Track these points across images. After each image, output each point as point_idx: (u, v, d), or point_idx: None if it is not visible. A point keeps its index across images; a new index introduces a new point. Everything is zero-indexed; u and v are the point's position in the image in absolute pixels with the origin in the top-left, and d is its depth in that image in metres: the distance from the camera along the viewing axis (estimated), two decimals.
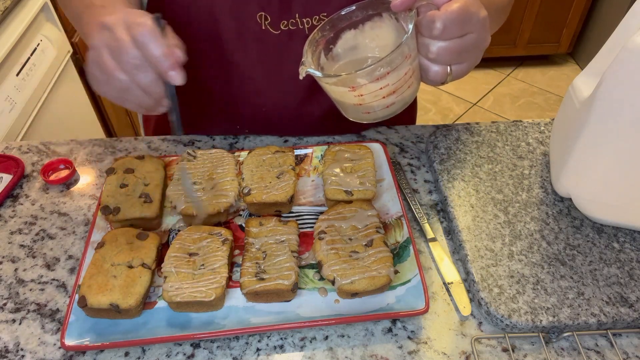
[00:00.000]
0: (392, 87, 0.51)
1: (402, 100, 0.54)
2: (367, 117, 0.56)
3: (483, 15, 0.50)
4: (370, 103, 0.53)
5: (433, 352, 0.54)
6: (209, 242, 0.60)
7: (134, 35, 0.49)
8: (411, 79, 0.53)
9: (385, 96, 0.52)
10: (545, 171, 0.71)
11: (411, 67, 0.51)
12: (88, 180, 0.74)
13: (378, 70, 0.49)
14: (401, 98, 0.54)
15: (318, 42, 0.56)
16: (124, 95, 0.52)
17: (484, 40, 0.52)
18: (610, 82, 0.54)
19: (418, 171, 0.75)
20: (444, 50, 0.50)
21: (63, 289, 0.60)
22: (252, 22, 0.67)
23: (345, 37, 0.57)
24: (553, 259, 0.60)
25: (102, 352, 0.54)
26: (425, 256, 0.64)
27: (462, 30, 0.49)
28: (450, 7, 0.47)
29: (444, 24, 0.47)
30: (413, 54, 0.51)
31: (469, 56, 0.52)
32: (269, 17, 0.67)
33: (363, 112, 0.55)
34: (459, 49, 0.50)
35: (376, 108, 0.54)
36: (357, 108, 0.55)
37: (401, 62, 0.49)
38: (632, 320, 0.55)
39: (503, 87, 2.67)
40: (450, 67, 0.51)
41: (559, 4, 2.48)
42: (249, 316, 0.56)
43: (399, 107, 0.55)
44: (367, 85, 0.50)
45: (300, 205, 0.68)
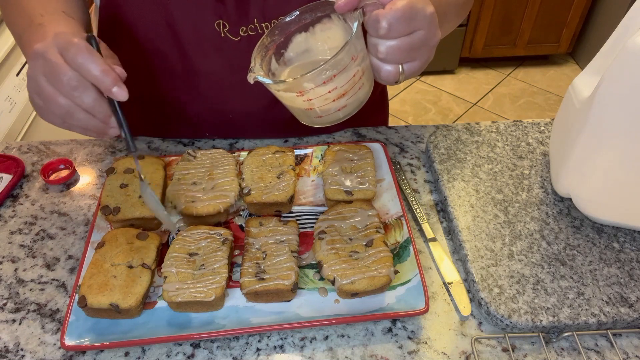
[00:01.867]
0: (341, 90, 0.50)
1: (354, 102, 0.53)
2: (320, 121, 0.55)
3: (430, 11, 0.49)
4: (321, 107, 0.52)
5: (433, 352, 0.54)
6: (209, 242, 0.60)
7: (69, 57, 0.48)
8: (361, 80, 0.52)
9: (335, 99, 0.51)
10: (545, 171, 0.71)
11: (360, 68, 0.50)
12: (88, 180, 0.74)
13: (323, 73, 0.48)
14: (353, 100, 0.53)
15: (268, 47, 0.55)
16: (68, 119, 0.51)
17: (433, 37, 0.50)
18: (610, 82, 0.54)
19: (418, 171, 0.75)
20: (392, 49, 0.49)
21: (63, 289, 0.60)
22: (211, 30, 0.67)
23: (296, 40, 0.57)
24: (553, 259, 0.60)
25: (102, 352, 0.54)
26: (425, 256, 0.64)
27: (409, 28, 0.48)
28: (395, 5, 0.46)
29: (389, 23, 0.46)
30: (361, 54, 0.50)
31: (419, 54, 0.51)
32: (227, 25, 0.67)
33: (315, 117, 0.54)
34: (407, 47, 0.49)
35: (327, 112, 0.53)
36: (308, 113, 0.54)
37: (348, 64, 0.48)
38: (632, 320, 0.55)
39: (503, 87, 2.67)
40: (402, 66, 0.50)
41: (559, 4, 2.48)
42: (249, 316, 0.56)
43: (351, 110, 0.54)
44: (314, 90, 0.49)
45: (300, 205, 0.68)
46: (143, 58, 0.71)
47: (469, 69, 2.78)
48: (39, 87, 0.50)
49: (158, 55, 0.70)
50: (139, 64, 0.72)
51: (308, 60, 0.57)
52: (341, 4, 0.48)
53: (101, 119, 0.51)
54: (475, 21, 2.51)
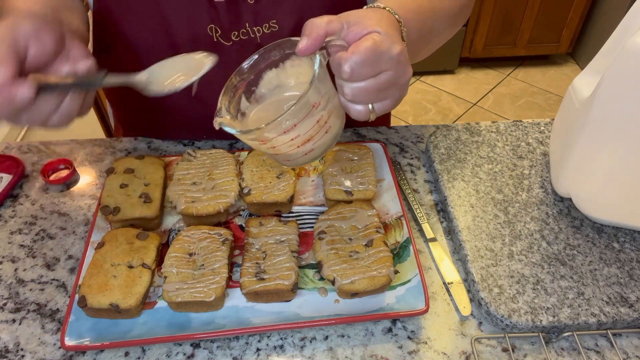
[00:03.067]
0: (305, 136, 0.49)
1: (322, 146, 0.52)
2: (289, 164, 0.54)
3: (397, 51, 0.46)
4: (287, 152, 0.51)
5: (433, 352, 0.54)
6: (209, 242, 0.60)
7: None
8: (327, 123, 0.50)
9: (300, 145, 0.50)
10: (545, 171, 0.71)
11: (325, 112, 0.49)
12: (88, 180, 0.74)
13: (283, 123, 0.46)
14: (320, 144, 0.51)
15: (237, 87, 0.54)
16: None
17: (402, 76, 0.48)
18: (610, 82, 0.54)
19: (418, 171, 0.75)
20: (358, 91, 0.47)
21: (63, 289, 0.60)
22: (204, 35, 0.67)
23: (267, 77, 0.55)
24: (553, 259, 0.60)
25: (102, 352, 0.54)
26: (425, 256, 0.64)
27: (374, 71, 0.46)
28: (358, 48, 0.44)
29: (351, 68, 0.45)
30: (325, 98, 0.48)
31: (389, 93, 0.49)
32: (219, 30, 0.66)
33: (283, 160, 0.53)
34: (374, 88, 0.47)
35: (294, 156, 0.52)
36: (275, 157, 0.53)
37: (308, 112, 0.47)
38: (632, 320, 0.55)
39: (503, 87, 2.67)
40: (372, 105, 0.49)
41: (559, 4, 2.48)
42: (249, 316, 0.56)
43: (320, 152, 0.53)
44: (276, 139, 0.48)
45: (300, 205, 0.68)
46: (138, 62, 0.71)
47: (469, 69, 2.79)
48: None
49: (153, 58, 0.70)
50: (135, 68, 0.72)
51: (279, 97, 0.56)
52: (301, 48, 0.46)
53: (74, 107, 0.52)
54: (475, 21, 2.51)
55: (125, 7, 0.65)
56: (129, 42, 0.69)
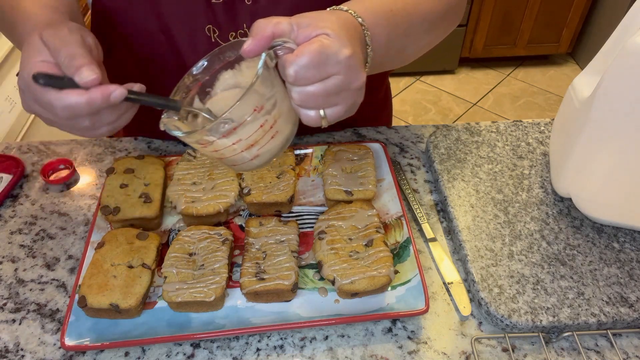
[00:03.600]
0: (248, 141, 0.47)
1: (269, 151, 0.50)
2: (236, 169, 0.52)
3: (345, 55, 0.44)
4: (231, 157, 0.49)
5: (433, 352, 0.54)
6: (209, 242, 0.60)
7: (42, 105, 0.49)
8: (273, 128, 0.48)
9: (244, 150, 0.48)
10: (545, 171, 0.71)
11: (270, 117, 0.47)
12: (88, 180, 0.74)
13: (221, 127, 0.44)
14: (267, 149, 0.49)
15: (189, 87, 0.52)
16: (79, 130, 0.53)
17: (354, 81, 0.46)
18: (610, 82, 0.54)
19: (418, 171, 0.75)
20: (305, 96, 0.45)
21: (63, 289, 0.60)
22: (202, 35, 0.66)
23: (224, 77, 0.53)
24: (553, 259, 0.60)
25: (102, 352, 0.54)
26: (425, 256, 0.64)
27: (321, 74, 0.44)
28: (302, 51, 0.43)
29: (296, 71, 0.43)
30: (270, 102, 0.46)
31: (340, 98, 0.46)
32: (217, 30, 0.66)
33: (230, 165, 0.52)
34: (322, 93, 0.45)
35: (239, 161, 0.50)
36: (221, 161, 0.51)
37: (250, 116, 0.45)
38: (632, 320, 0.55)
39: (503, 87, 2.67)
40: (324, 111, 0.47)
41: (559, 4, 2.48)
42: (249, 316, 0.56)
43: (269, 157, 0.51)
44: (217, 142, 0.46)
45: (300, 205, 0.68)
46: (137, 62, 0.71)
47: (469, 69, 2.78)
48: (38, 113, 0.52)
49: (153, 60, 0.70)
50: (135, 68, 0.72)
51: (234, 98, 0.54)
52: (246, 49, 0.44)
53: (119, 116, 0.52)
54: (475, 21, 2.51)
55: (124, 7, 0.65)
56: (128, 43, 0.69)
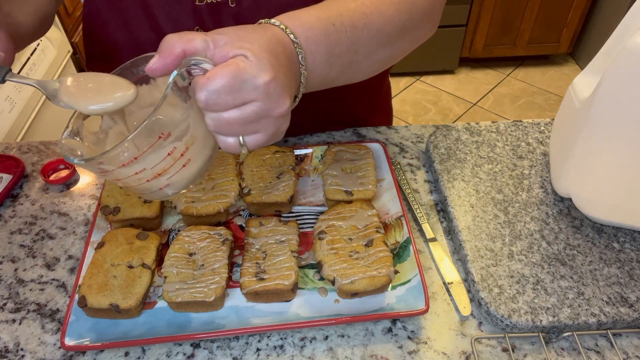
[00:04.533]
0: (154, 171, 0.43)
1: (180, 181, 0.45)
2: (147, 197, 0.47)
3: (264, 80, 0.40)
4: (136, 187, 0.44)
5: (433, 352, 0.54)
6: (209, 242, 0.60)
7: None
8: (185, 156, 0.43)
9: (150, 179, 0.43)
10: (545, 171, 0.71)
11: (181, 143, 0.43)
12: (88, 180, 0.74)
13: (121, 156, 0.39)
14: (177, 179, 0.45)
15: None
16: None
17: (274, 108, 0.42)
18: (610, 82, 0.54)
19: (418, 171, 0.75)
20: (219, 122, 0.41)
21: (63, 289, 0.60)
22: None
23: (140, 92, 0.48)
24: (553, 259, 0.60)
25: (102, 352, 0.54)
26: (425, 256, 0.64)
27: (236, 100, 0.40)
28: (215, 75, 0.39)
29: (207, 96, 0.39)
30: (181, 127, 0.42)
31: (258, 126, 0.43)
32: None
33: (137, 193, 0.47)
34: (238, 120, 0.41)
35: (147, 190, 0.45)
36: (126, 189, 0.47)
37: (152, 144, 0.40)
38: (632, 320, 0.55)
39: (503, 87, 2.67)
40: (242, 138, 0.43)
41: (559, 4, 2.48)
42: (249, 316, 0.56)
43: (181, 186, 0.46)
44: (117, 171, 0.41)
45: (300, 205, 0.68)
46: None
47: (469, 69, 2.78)
48: None
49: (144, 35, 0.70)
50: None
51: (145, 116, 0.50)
52: (152, 67, 0.40)
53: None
54: (475, 21, 2.51)
55: (114, 7, 0.65)
56: (119, 45, 0.68)
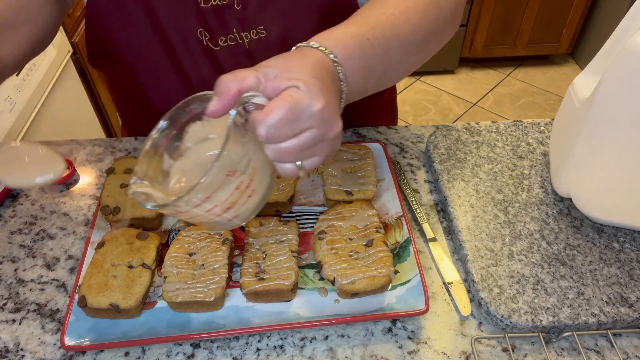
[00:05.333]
0: (223, 205, 0.44)
1: (246, 211, 0.47)
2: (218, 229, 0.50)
3: (318, 108, 0.41)
4: (209, 221, 0.46)
5: (433, 352, 0.54)
6: (209, 242, 0.60)
7: None
8: (249, 187, 0.45)
9: (220, 214, 0.45)
10: (545, 171, 0.71)
11: (245, 177, 0.44)
12: (88, 180, 0.74)
13: (194, 197, 0.41)
14: (244, 209, 0.47)
15: (158, 144, 0.49)
16: None
17: (328, 132, 0.43)
18: (610, 82, 0.54)
19: (418, 171, 0.75)
20: (279, 152, 0.43)
21: (63, 289, 0.60)
22: (195, 39, 0.66)
23: (192, 129, 0.50)
24: (553, 259, 0.60)
25: (102, 352, 0.54)
26: (425, 256, 0.64)
27: (294, 130, 0.41)
28: (272, 109, 0.40)
29: (267, 131, 0.40)
30: (243, 162, 0.44)
31: (316, 150, 0.44)
32: (207, 34, 0.65)
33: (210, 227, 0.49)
34: (296, 149, 0.42)
35: (217, 225, 0.48)
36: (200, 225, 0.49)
37: (222, 183, 0.42)
38: (632, 320, 0.55)
39: (503, 87, 2.67)
40: (300, 163, 0.44)
41: (559, 4, 2.48)
42: (249, 316, 0.56)
43: (246, 216, 0.48)
44: (190, 211, 0.44)
45: (300, 205, 0.68)
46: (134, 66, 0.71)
47: (469, 69, 2.79)
48: None
49: (148, 62, 0.70)
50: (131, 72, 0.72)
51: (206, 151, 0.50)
52: (211, 110, 0.42)
53: None
54: (475, 21, 2.51)
55: (117, 8, 0.65)
56: (121, 45, 0.68)
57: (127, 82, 0.75)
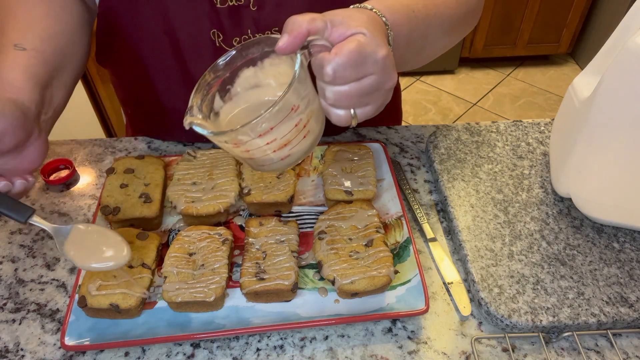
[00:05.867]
0: (281, 141, 0.47)
1: (299, 152, 0.50)
2: (265, 169, 0.52)
3: (382, 55, 0.44)
4: (261, 157, 0.48)
5: (433, 352, 0.54)
6: (209, 242, 0.60)
7: None
8: (306, 127, 0.48)
9: (276, 150, 0.47)
10: (545, 171, 0.71)
11: (304, 116, 0.47)
12: (88, 180, 0.74)
13: (258, 126, 0.44)
14: (297, 150, 0.49)
15: (210, 85, 0.51)
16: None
17: (387, 81, 0.46)
18: (610, 82, 0.54)
19: (418, 171, 0.75)
20: (340, 95, 0.45)
21: (63, 289, 0.60)
22: (207, 40, 0.66)
23: (244, 75, 0.52)
24: (553, 259, 0.60)
25: (102, 352, 0.54)
26: (425, 256, 0.64)
27: (357, 74, 0.44)
28: (341, 50, 0.42)
29: (334, 70, 0.43)
30: (305, 101, 0.46)
31: (372, 98, 0.47)
32: (221, 35, 0.66)
33: (257, 165, 0.51)
34: (357, 93, 0.45)
35: (269, 161, 0.50)
36: (249, 161, 0.51)
37: (287, 115, 0.45)
38: (632, 320, 0.55)
39: (503, 87, 2.67)
40: (354, 111, 0.47)
41: (559, 4, 2.48)
42: (249, 316, 0.56)
43: (297, 158, 0.51)
44: (251, 142, 0.46)
45: (300, 205, 0.68)
46: (142, 66, 0.71)
47: (469, 69, 2.79)
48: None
49: (157, 62, 0.70)
50: (138, 71, 0.72)
51: (255, 98, 0.53)
52: (281, 46, 0.44)
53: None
54: None
55: (129, 8, 0.65)
56: (132, 45, 0.69)
57: (134, 80, 0.75)
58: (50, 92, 0.59)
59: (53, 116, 0.60)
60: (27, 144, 0.52)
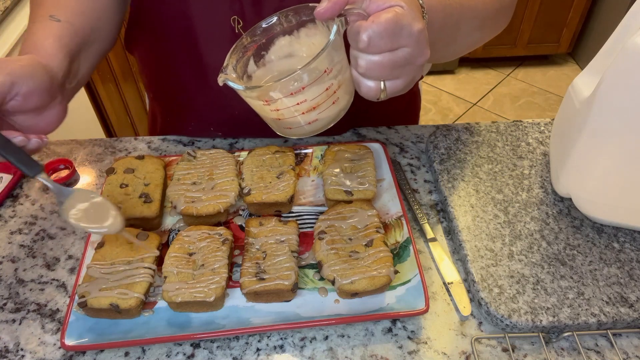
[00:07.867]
0: (311, 103, 0.47)
1: (326, 118, 0.50)
2: (290, 133, 0.53)
3: (418, 28, 0.44)
4: (289, 119, 0.49)
5: (433, 352, 0.54)
6: (209, 242, 0.60)
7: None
8: (336, 94, 0.48)
9: (305, 112, 0.48)
10: (545, 171, 0.71)
11: (336, 81, 0.47)
12: (88, 180, 0.74)
13: (291, 84, 0.44)
14: (325, 115, 0.50)
15: (247, 48, 0.52)
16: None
17: (419, 55, 0.46)
18: (610, 82, 0.54)
19: (418, 171, 0.75)
20: (372, 64, 0.45)
21: (63, 289, 0.60)
22: (226, 26, 0.66)
23: (280, 43, 0.53)
24: (553, 259, 0.60)
25: (102, 352, 0.54)
26: (425, 256, 0.64)
27: (392, 44, 0.44)
28: (378, 19, 0.43)
29: (370, 37, 0.43)
30: (338, 66, 0.47)
31: (403, 72, 0.47)
32: (241, 21, 0.66)
33: (285, 127, 0.52)
34: (390, 64, 0.45)
35: (296, 124, 0.50)
36: (277, 123, 0.51)
37: (319, 77, 0.45)
38: (632, 320, 0.55)
39: (503, 87, 2.67)
40: (384, 83, 0.47)
41: (559, 4, 2.48)
42: (249, 316, 0.56)
43: (323, 124, 0.51)
44: (281, 100, 0.46)
45: (300, 205, 0.68)
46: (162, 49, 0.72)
47: (469, 69, 2.79)
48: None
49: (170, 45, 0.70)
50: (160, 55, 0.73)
51: (287, 66, 0.54)
52: (321, 10, 0.44)
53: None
54: None
55: None
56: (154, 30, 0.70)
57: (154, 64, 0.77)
58: (77, 64, 0.62)
59: (76, 86, 0.63)
60: (49, 107, 0.55)
